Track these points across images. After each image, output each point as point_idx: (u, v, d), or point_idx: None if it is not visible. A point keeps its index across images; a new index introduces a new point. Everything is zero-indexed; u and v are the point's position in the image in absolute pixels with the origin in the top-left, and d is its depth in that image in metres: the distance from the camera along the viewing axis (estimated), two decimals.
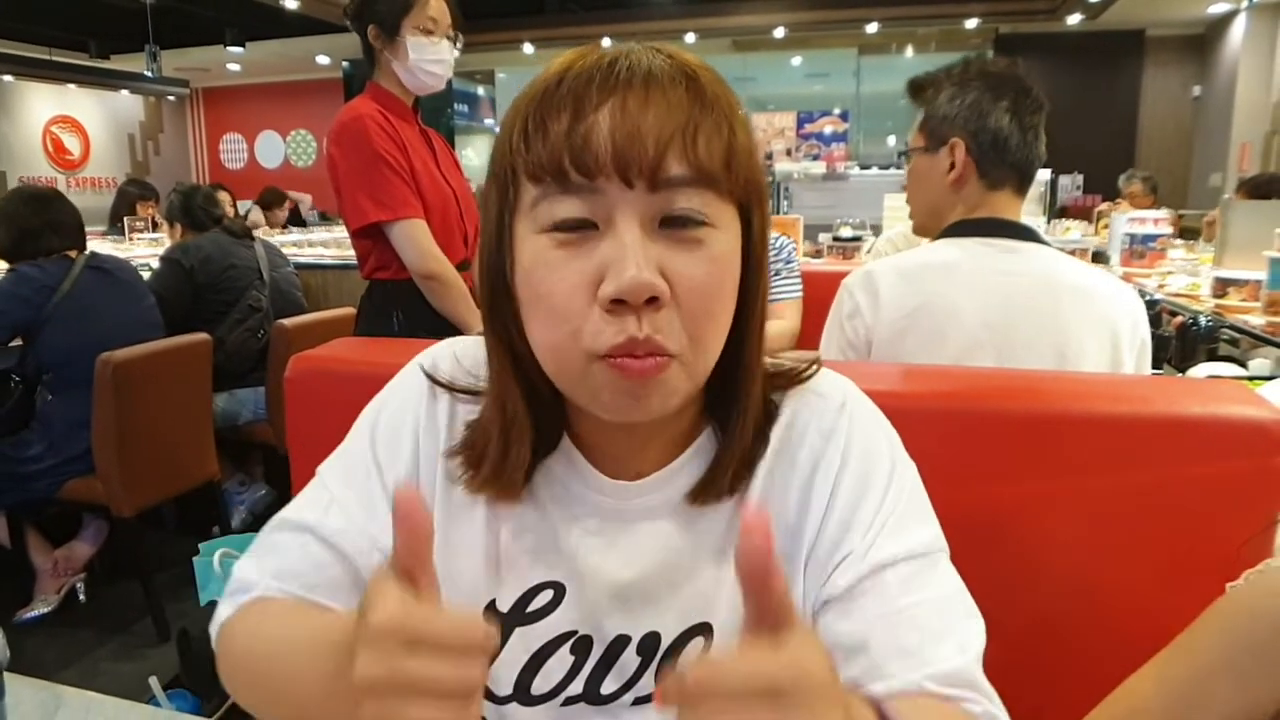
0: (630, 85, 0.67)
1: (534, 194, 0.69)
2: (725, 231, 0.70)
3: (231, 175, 13.78)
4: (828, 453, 0.78)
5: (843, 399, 0.81)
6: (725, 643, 0.75)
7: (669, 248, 0.67)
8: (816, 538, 0.77)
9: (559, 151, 0.66)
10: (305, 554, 0.78)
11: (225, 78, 13.43)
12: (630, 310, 0.65)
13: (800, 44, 11.03)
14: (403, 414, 0.83)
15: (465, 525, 0.80)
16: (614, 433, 0.78)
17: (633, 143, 0.65)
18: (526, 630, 0.79)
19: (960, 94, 1.60)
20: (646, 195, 0.66)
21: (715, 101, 0.69)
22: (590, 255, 0.66)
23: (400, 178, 2.24)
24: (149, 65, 9.47)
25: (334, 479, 0.82)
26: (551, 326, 0.68)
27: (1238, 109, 9.21)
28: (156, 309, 3.21)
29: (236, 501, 3.64)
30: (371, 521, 0.79)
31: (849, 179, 5.80)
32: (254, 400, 3.54)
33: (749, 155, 0.71)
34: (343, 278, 4.58)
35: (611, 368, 0.66)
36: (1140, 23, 10.05)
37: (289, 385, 1.38)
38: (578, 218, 0.67)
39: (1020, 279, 1.51)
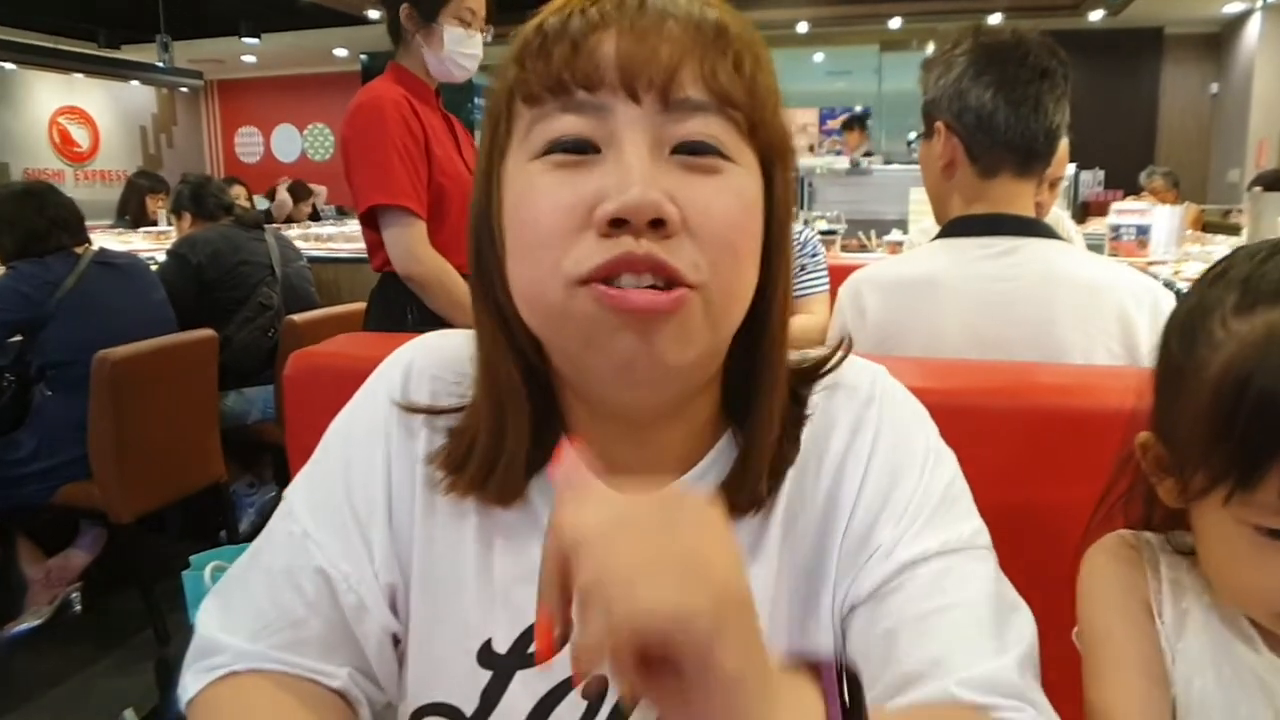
0: (643, 8, 0.59)
1: (529, 118, 0.59)
2: (747, 172, 0.60)
3: (247, 169, 13.75)
4: (855, 445, 0.70)
5: (871, 388, 0.73)
6: None
7: (681, 177, 0.58)
8: (845, 533, 0.69)
9: (559, 66, 0.57)
10: (276, 604, 0.68)
11: (240, 70, 13.41)
12: (630, 234, 0.55)
13: (822, 40, 10.99)
14: (374, 424, 0.73)
15: (452, 548, 0.70)
16: (622, 434, 0.68)
17: (643, 53, 0.57)
18: (530, 674, 0.69)
19: (945, 72, 1.44)
20: (657, 115, 0.57)
21: (740, 33, 0.61)
22: (589, 179, 0.57)
23: (407, 168, 2.16)
24: (160, 56, 9.45)
25: (303, 507, 0.72)
26: (534, 259, 0.58)
27: (1254, 106, 9.37)
28: (168, 305, 3.13)
29: (246, 504, 3.55)
30: (345, 558, 0.69)
31: (872, 174, 5.71)
32: (263, 399, 3.45)
33: (774, 98, 0.62)
34: (356, 271, 4.48)
35: (600, 298, 0.56)
36: (1159, 20, 10.17)
37: (288, 384, 1.32)
38: (577, 135, 0.57)
39: (1015, 284, 1.38)
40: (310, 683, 0.67)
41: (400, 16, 2.31)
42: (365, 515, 0.71)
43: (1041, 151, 1.43)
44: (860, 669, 0.63)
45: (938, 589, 0.64)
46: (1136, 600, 0.74)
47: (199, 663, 0.68)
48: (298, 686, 0.67)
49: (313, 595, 0.68)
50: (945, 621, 0.63)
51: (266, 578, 0.70)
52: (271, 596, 0.69)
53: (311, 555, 0.69)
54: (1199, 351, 0.67)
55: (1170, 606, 0.73)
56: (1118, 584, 0.76)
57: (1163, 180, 6.49)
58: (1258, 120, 9.33)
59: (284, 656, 0.67)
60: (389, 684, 0.72)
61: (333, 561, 0.69)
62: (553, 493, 0.69)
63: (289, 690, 0.66)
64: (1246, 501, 0.64)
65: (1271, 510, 0.63)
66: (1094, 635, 0.75)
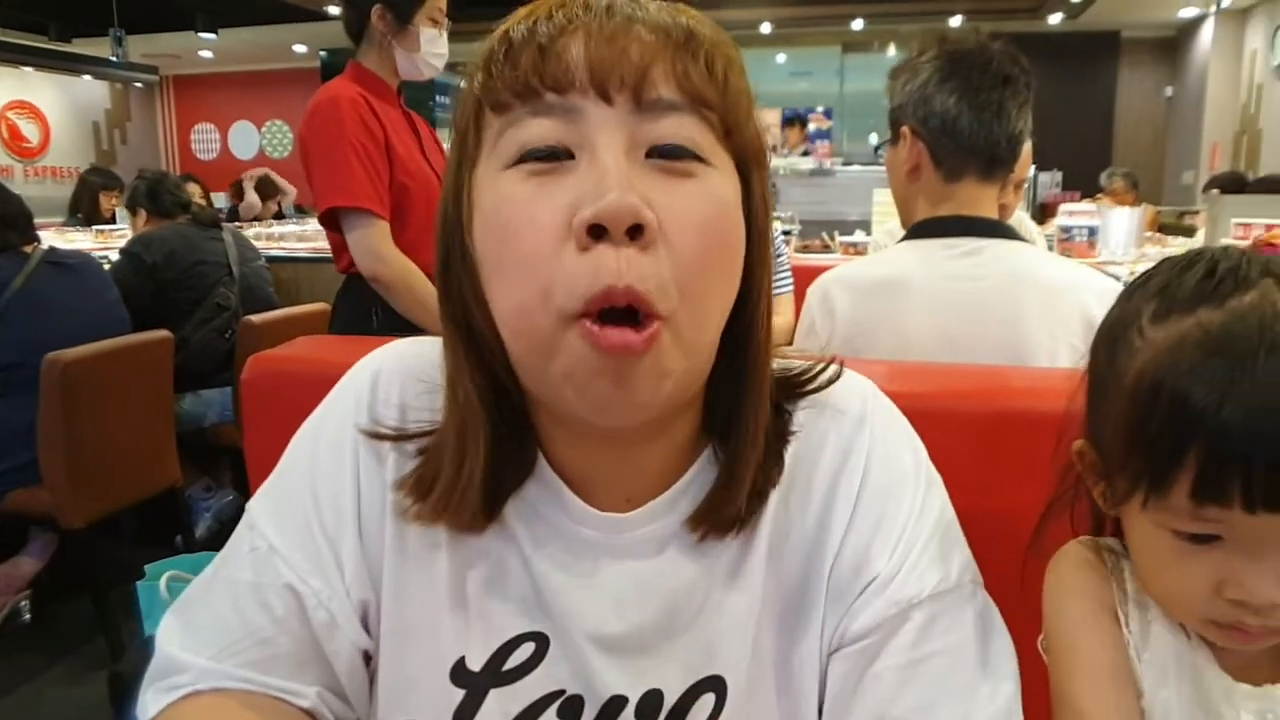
0: (610, 12, 0.57)
1: (498, 126, 0.58)
2: (724, 176, 0.59)
3: (203, 166, 13.56)
4: (847, 469, 0.68)
5: (862, 408, 0.71)
6: (739, 699, 0.66)
7: (657, 181, 0.56)
8: (836, 560, 0.67)
9: (527, 70, 0.56)
10: (243, 621, 0.66)
11: (197, 65, 13.21)
12: (609, 244, 0.53)
13: (785, 41, 11.07)
14: (341, 435, 0.71)
15: (425, 569, 0.68)
16: (600, 453, 0.66)
17: (613, 53, 0.55)
18: (504, 692, 0.66)
19: (911, 79, 1.47)
20: (630, 116, 0.56)
21: (710, 36, 0.59)
22: (564, 187, 0.55)
23: (365, 167, 2.12)
24: (114, 50, 9.27)
25: (268, 522, 0.69)
26: (517, 281, 0.56)
27: (1208, 109, 9.58)
28: (122, 305, 3.06)
29: (202, 508, 3.48)
30: (315, 574, 0.67)
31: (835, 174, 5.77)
32: (221, 402, 3.38)
33: (748, 100, 0.61)
34: (316, 271, 4.42)
35: (585, 335, 0.54)
36: (1116, 24, 10.37)
37: (246, 387, 1.28)
38: (550, 142, 0.56)
39: (981, 283, 1.39)
40: (277, 701, 0.64)
41: (371, 18, 2.28)
42: (335, 530, 0.68)
43: (1004, 156, 1.45)
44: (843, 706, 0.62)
45: (927, 635, 0.64)
46: (1104, 609, 0.74)
47: (160, 682, 0.66)
48: (264, 706, 0.64)
49: (281, 612, 0.66)
50: (935, 668, 0.63)
51: (231, 593, 0.67)
52: (237, 613, 0.66)
53: (279, 571, 0.67)
54: (1119, 359, 0.68)
55: (1136, 617, 0.73)
56: (1084, 593, 0.75)
57: (1123, 181, 6.60)
58: (1211, 123, 9.54)
59: (250, 675, 0.64)
60: (359, 703, 0.69)
61: (302, 577, 0.66)
62: (528, 512, 0.67)
63: (255, 710, 0.63)
64: (1161, 506, 0.64)
65: (1184, 514, 0.63)
66: (1062, 645, 0.74)
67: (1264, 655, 0.70)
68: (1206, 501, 0.61)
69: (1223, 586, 0.64)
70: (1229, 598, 0.64)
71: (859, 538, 0.67)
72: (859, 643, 0.65)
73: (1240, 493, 0.59)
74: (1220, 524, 0.62)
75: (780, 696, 0.67)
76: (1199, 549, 0.65)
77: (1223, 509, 0.61)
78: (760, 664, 0.67)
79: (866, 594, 0.65)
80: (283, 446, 0.77)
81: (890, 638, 0.64)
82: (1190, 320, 0.63)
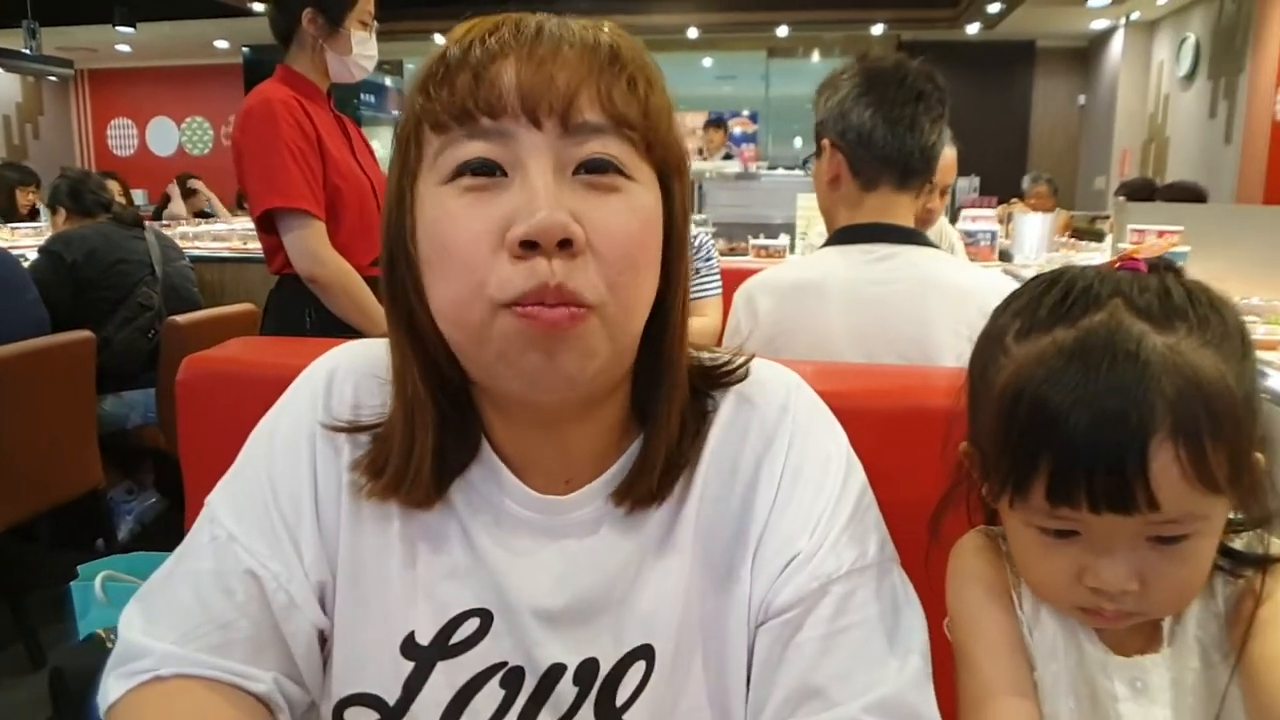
0: (539, 38, 0.62)
1: (437, 144, 0.63)
2: (645, 186, 0.65)
3: (121, 162, 13.23)
4: (771, 453, 0.74)
5: (786, 397, 0.77)
6: (667, 667, 0.71)
7: (584, 196, 0.61)
8: (763, 536, 0.73)
9: (462, 95, 0.61)
10: (204, 607, 0.69)
11: (114, 59, 12.88)
12: (541, 255, 0.59)
13: (711, 45, 11.20)
14: (298, 428, 0.75)
15: (378, 549, 0.73)
16: (537, 436, 0.71)
17: (541, 80, 0.60)
18: (450, 664, 0.71)
19: (832, 94, 1.57)
20: (559, 140, 0.61)
21: (632, 57, 0.65)
22: (498, 202, 0.60)
23: (300, 168, 2.13)
24: (27, 42, 8.99)
25: (227, 513, 0.73)
26: (453, 279, 0.62)
27: (1119, 117, 9.90)
28: (41, 304, 3.00)
29: (124, 511, 3.41)
30: (274, 558, 0.71)
31: (760, 179, 5.85)
32: (144, 403, 3.32)
33: (668, 116, 0.66)
34: (241, 272, 4.38)
35: (519, 318, 0.59)
36: (1031, 34, 10.62)
37: (181, 389, 1.29)
38: (484, 159, 0.61)
39: (894, 286, 1.49)
40: (234, 688, 0.68)
41: (301, 21, 2.28)
42: (293, 517, 0.72)
43: (917, 166, 1.54)
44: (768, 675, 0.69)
45: (845, 608, 0.69)
46: (1000, 593, 0.81)
47: (122, 667, 0.68)
48: (223, 690, 0.67)
49: (241, 597, 0.69)
50: (851, 639, 0.69)
51: (192, 581, 0.71)
52: (198, 600, 0.69)
53: (239, 558, 0.70)
54: (989, 372, 0.75)
55: (1027, 599, 0.80)
56: (982, 579, 0.82)
57: (1045, 187, 6.80)
58: (1121, 131, 9.86)
59: (210, 660, 0.67)
60: (313, 684, 0.73)
61: (261, 562, 0.70)
62: (472, 494, 0.71)
63: (214, 694, 0.67)
64: (1024, 506, 0.72)
65: (1043, 513, 0.71)
66: (964, 625, 0.81)
67: (1137, 630, 0.77)
68: (1059, 504, 0.68)
69: (1082, 575, 0.71)
70: (1088, 585, 0.71)
71: (782, 518, 0.72)
72: (782, 615, 0.70)
73: (1085, 496, 0.66)
74: (1075, 522, 0.70)
75: (707, 666, 0.73)
76: (1060, 542, 0.72)
77: (1073, 509, 0.68)
78: (689, 635, 0.72)
79: (789, 570, 0.71)
80: (218, 445, 0.80)
81: (810, 611, 0.69)
82: (1047, 338, 0.70)
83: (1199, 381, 0.66)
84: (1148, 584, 0.70)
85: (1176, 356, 0.66)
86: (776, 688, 0.69)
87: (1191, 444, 0.65)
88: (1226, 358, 0.68)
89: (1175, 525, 0.68)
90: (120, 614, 1.14)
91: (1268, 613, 0.73)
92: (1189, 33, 8.64)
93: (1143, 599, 0.71)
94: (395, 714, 0.71)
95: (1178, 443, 0.65)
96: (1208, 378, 0.66)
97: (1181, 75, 8.72)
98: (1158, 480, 0.65)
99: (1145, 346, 0.66)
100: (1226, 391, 0.66)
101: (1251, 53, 7.43)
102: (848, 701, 0.66)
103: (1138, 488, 0.65)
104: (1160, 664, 0.76)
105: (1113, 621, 0.74)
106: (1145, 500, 0.65)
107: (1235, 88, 7.71)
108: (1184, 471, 0.65)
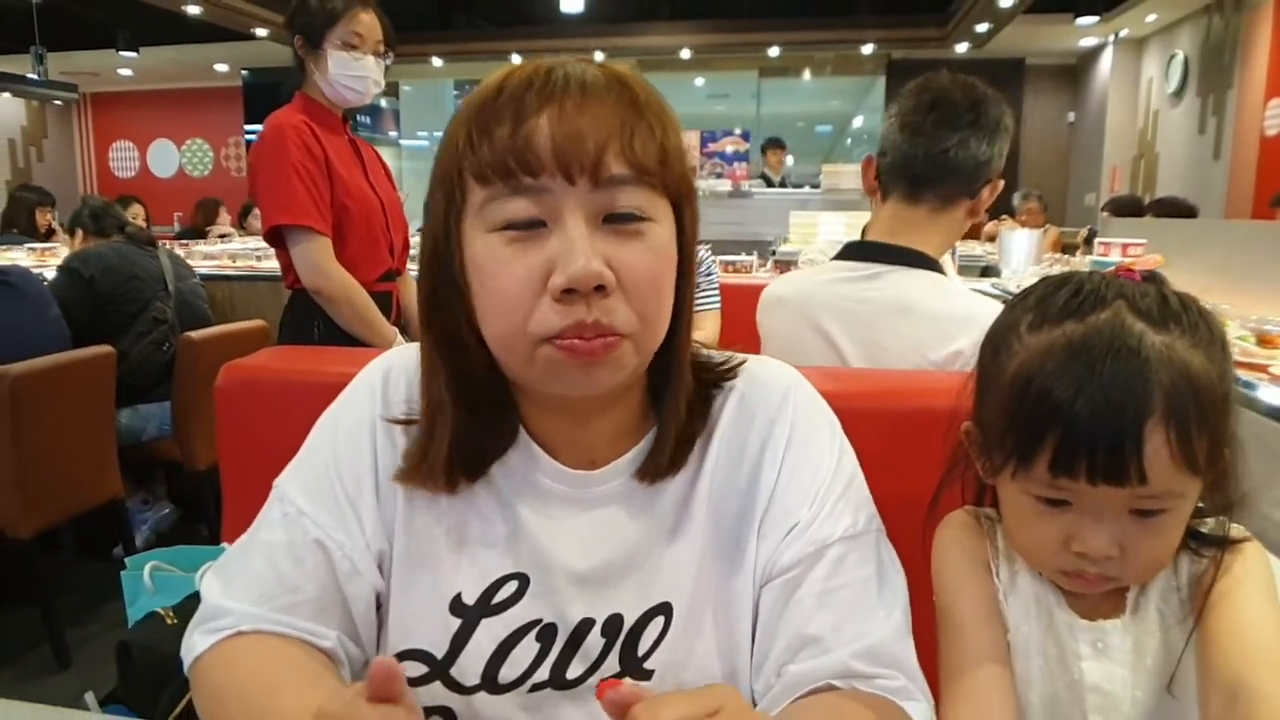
0: (567, 91, 0.72)
1: (482, 195, 0.72)
2: (662, 224, 0.75)
3: (122, 184, 13.31)
4: (774, 435, 0.85)
5: (786, 387, 0.88)
6: (683, 621, 0.83)
7: (613, 241, 0.72)
8: (767, 509, 0.84)
9: (503, 153, 0.70)
10: (277, 573, 0.80)
11: (116, 83, 12.99)
12: (579, 299, 0.70)
13: (703, 65, 11.30)
14: (359, 418, 0.85)
15: (429, 522, 0.84)
16: (566, 423, 0.83)
17: (573, 141, 0.70)
18: (493, 621, 0.82)
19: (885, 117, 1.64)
20: (590, 192, 0.71)
21: (648, 105, 0.75)
22: (540, 250, 0.71)
23: (307, 187, 2.25)
24: (35, 67, 9.10)
25: (296, 492, 0.83)
26: (503, 317, 0.73)
27: (1108, 134, 9.89)
28: (63, 321, 3.11)
29: (139, 521, 3.51)
30: (339, 530, 0.81)
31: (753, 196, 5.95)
32: (159, 416, 3.42)
33: (680, 155, 0.77)
34: (250, 290, 4.50)
35: (559, 349, 0.71)
36: (1020, 52, 10.63)
37: (219, 395, 1.40)
38: (527, 217, 0.71)
39: (871, 306, 1.54)
40: (304, 643, 0.78)
41: (295, 45, 2.40)
42: (355, 494, 0.83)
43: (920, 173, 1.55)
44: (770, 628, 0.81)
45: (839, 569, 0.80)
46: (979, 562, 0.92)
47: (205, 624, 0.79)
48: (297, 643, 0.78)
49: (310, 564, 0.80)
50: (843, 596, 0.79)
51: (266, 551, 0.81)
52: (272, 567, 0.80)
53: (308, 530, 0.81)
54: (1001, 358, 0.85)
55: (1005, 569, 0.91)
56: (964, 551, 0.93)
57: (1036, 204, 6.86)
58: (1111, 147, 9.85)
59: (282, 618, 0.78)
60: (369, 642, 0.84)
61: (328, 534, 0.81)
62: (511, 473, 0.84)
63: (289, 647, 0.77)
64: (1026, 477, 0.82)
65: (1043, 484, 0.81)
66: (946, 593, 0.92)
67: (1103, 598, 0.88)
68: (1060, 475, 0.78)
69: (1069, 541, 0.82)
70: (1074, 550, 0.82)
71: (783, 492, 0.84)
72: (784, 575, 0.81)
73: (1085, 469, 0.77)
74: (1070, 492, 0.80)
75: (717, 622, 0.84)
76: (1052, 511, 0.82)
77: (1072, 481, 0.78)
78: (702, 595, 0.84)
79: (790, 536, 0.82)
80: (256, 445, 0.91)
81: (808, 571, 0.80)
82: (1058, 331, 0.81)
83: (1190, 376, 0.76)
84: (1126, 552, 0.80)
85: (1171, 354, 0.76)
86: (778, 638, 0.80)
87: (1181, 429, 0.75)
88: (1212, 359, 0.78)
89: (1156, 500, 0.78)
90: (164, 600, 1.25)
91: (1224, 587, 0.83)
92: (1177, 49, 8.69)
93: (1120, 565, 0.81)
94: (444, 665, 0.82)
95: (1169, 426, 0.74)
96: (1198, 373, 0.76)
97: (1170, 92, 8.76)
98: (1150, 458, 0.75)
99: (1145, 343, 0.76)
100: (1212, 387, 0.77)
101: (1239, 69, 7.50)
102: (839, 649, 0.76)
103: (1132, 464, 0.75)
104: (1119, 629, 0.86)
105: (1091, 585, 0.84)
106: (1137, 475, 0.75)
107: (1224, 104, 7.77)
108: (1172, 452, 0.75)
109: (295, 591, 0.79)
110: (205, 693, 0.77)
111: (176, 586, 1.28)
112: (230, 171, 13.42)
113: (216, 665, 0.77)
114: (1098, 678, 0.86)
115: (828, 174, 6.57)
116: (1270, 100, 7.02)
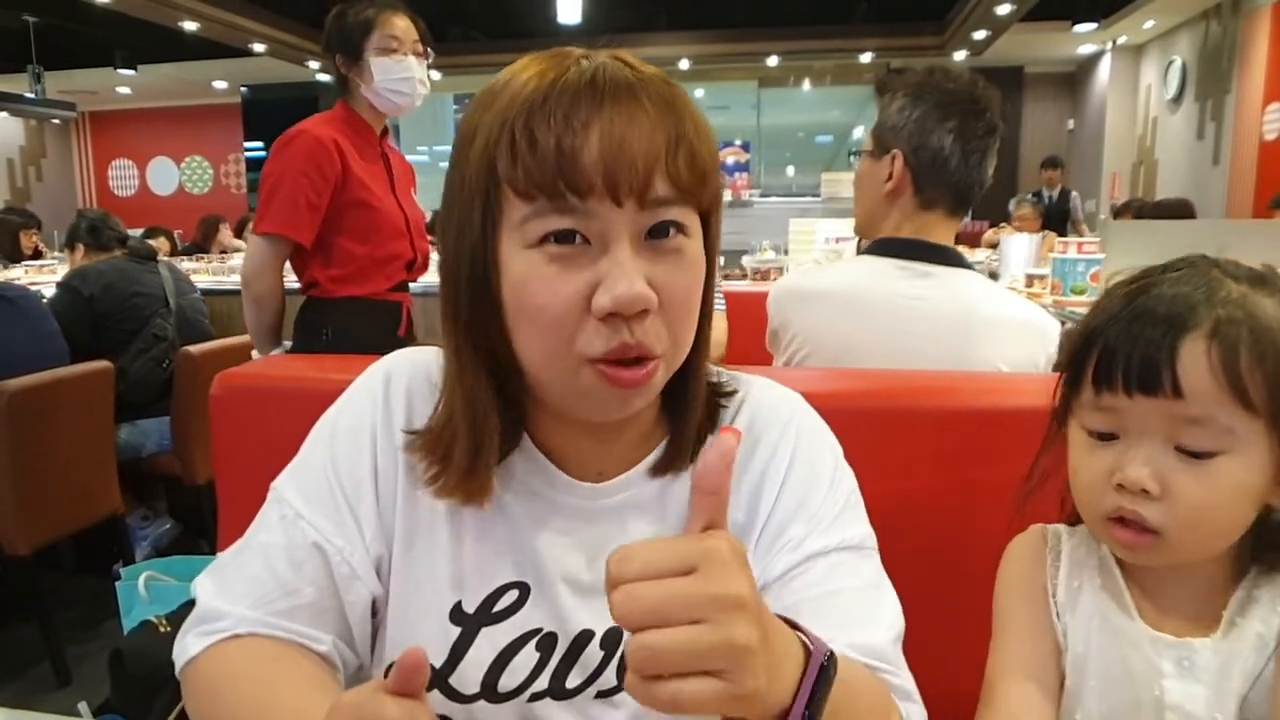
0: (616, 101, 0.69)
1: (524, 211, 0.70)
2: (695, 238, 0.74)
3: (121, 203, 13.38)
4: (776, 459, 0.85)
5: (790, 415, 0.88)
6: None
7: (653, 259, 0.70)
8: (764, 526, 0.83)
9: (550, 171, 0.68)
10: (274, 576, 0.78)
11: (114, 101, 13.06)
12: (623, 321, 0.69)
13: (703, 76, 11.33)
14: (359, 422, 0.84)
15: (430, 528, 0.82)
16: (581, 437, 0.81)
17: (622, 164, 0.68)
18: (493, 630, 0.81)
19: (910, 106, 1.57)
20: (635, 213, 0.69)
21: (686, 114, 0.73)
22: (583, 269, 0.69)
23: (292, 198, 2.27)
24: (32, 86, 9.14)
25: (294, 495, 0.82)
26: (545, 335, 0.71)
27: (1108, 141, 9.98)
28: (61, 338, 3.09)
29: (140, 537, 3.48)
30: (338, 534, 0.80)
31: (754, 206, 5.98)
32: (158, 431, 3.40)
33: (716, 165, 0.76)
34: None
35: (602, 375, 0.70)
36: (1019, 60, 10.71)
37: (214, 403, 1.38)
38: (570, 229, 0.69)
39: (927, 303, 1.51)
40: (301, 647, 0.77)
41: (338, 65, 2.42)
42: (354, 498, 0.81)
43: (968, 198, 1.60)
44: None
45: (834, 575, 0.79)
46: (1036, 584, 0.91)
47: (200, 627, 0.78)
48: (291, 648, 0.76)
49: (308, 568, 0.79)
50: (839, 601, 0.78)
51: (263, 554, 0.79)
52: (268, 570, 0.78)
53: (306, 534, 0.79)
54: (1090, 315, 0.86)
55: (1064, 585, 0.90)
56: (1022, 571, 0.93)
57: (1030, 208, 6.88)
58: (1110, 153, 9.93)
59: (279, 622, 0.77)
60: (363, 649, 0.83)
61: (326, 537, 0.79)
62: (514, 480, 0.82)
63: (285, 650, 0.76)
64: (1079, 404, 0.83)
65: (1089, 405, 0.82)
66: (999, 613, 0.92)
67: (1189, 615, 0.84)
68: (1101, 389, 0.79)
69: (1112, 475, 0.80)
70: (1115, 483, 0.80)
71: (782, 513, 0.83)
72: (778, 580, 0.80)
73: (1122, 376, 0.77)
74: (1113, 414, 0.79)
75: None
76: (1101, 445, 0.81)
77: (1112, 394, 0.78)
78: None
79: (783, 550, 0.81)
80: (251, 452, 0.89)
81: (803, 575, 0.79)
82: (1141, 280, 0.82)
83: (1254, 312, 0.75)
84: (1168, 494, 0.77)
85: (1243, 297, 0.76)
86: None
87: (1227, 351, 0.74)
88: None
89: (1200, 428, 0.75)
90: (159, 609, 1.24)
91: None
92: (1175, 56, 8.75)
93: (1161, 510, 0.77)
94: (443, 674, 0.80)
95: (1211, 343, 0.74)
96: (1263, 312, 0.75)
97: (1169, 98, 8.83)
98: (1185, 367, 0.74)
99: (1212, 277, 0.78)
100: (1276, 330, 0.75)
101: (1237, 74, 7.56)
102: (835, 641, 0.73)
103: (1165, 371, 0.74)
104: (1210, 647, 0.82)
105: (1136, 540, 0.80)
106: (1171, 384, 0.74)
107: (1222, 109, 7.83)
108: (1213, 369, 0.74)
109: (293, 595, 0.78)
110: (200, 694, 0.76)
111: (171, 596, 1.27)
112: (230, 188, 13.46)
113: (212, 667, 0.76)
114: (1179, 697, 0.82)
115: (828, 183, 6.59)
116: (1268, 105, 7.06)
